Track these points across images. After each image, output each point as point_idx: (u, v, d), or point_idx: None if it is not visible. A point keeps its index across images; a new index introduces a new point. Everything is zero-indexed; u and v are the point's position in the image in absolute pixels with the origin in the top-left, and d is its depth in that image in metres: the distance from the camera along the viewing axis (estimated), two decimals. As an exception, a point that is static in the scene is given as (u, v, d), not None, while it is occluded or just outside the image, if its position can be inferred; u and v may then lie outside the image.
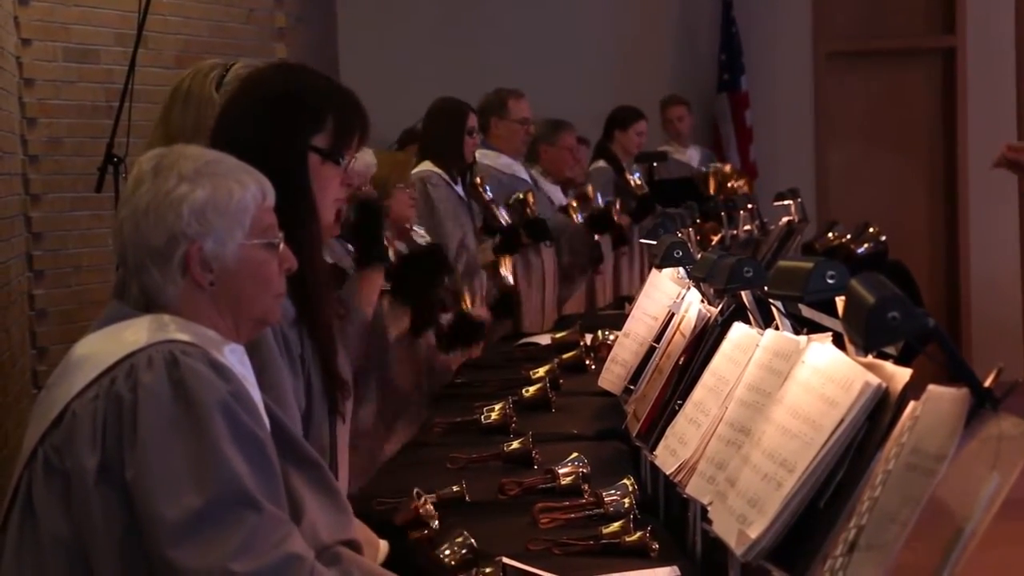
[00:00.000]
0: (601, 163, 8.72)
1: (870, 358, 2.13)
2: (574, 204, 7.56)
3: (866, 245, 7.32)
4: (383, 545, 2.73)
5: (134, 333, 2.32)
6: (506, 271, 6.36)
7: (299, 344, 2.74)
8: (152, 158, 2.43)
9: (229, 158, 2.46)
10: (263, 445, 2.28)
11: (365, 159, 4.58)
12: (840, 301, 2.20)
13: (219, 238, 2.36)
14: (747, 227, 7.39)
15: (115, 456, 2.23)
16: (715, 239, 7.14)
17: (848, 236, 7.39)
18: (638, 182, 8.29)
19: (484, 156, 6.88)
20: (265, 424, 2.33)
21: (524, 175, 7.17)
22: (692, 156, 9.71)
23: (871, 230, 7.40)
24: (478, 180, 6.52)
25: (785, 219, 7.02)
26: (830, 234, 7.56)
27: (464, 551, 2.82)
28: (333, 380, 2.78)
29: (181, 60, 7.04)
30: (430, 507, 3.05)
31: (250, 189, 2.40)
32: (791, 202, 7.20)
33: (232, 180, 2.40)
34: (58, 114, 6.53)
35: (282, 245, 2.46)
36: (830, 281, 2.24)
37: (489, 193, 6.59)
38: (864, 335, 1.87)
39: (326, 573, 2.28)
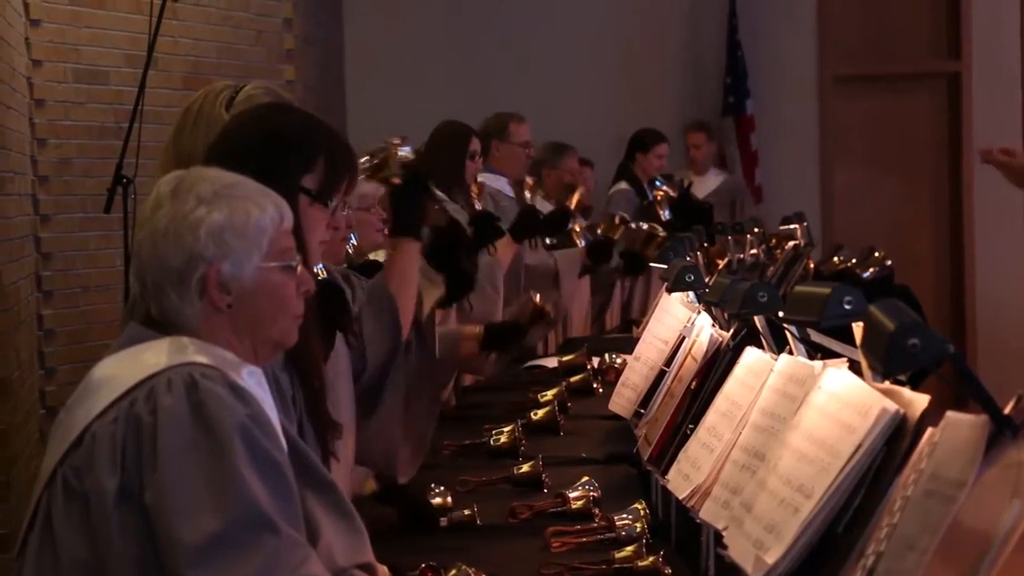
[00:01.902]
0: (623, 185, 8.73)
1: (887, 384, 2.13)
2: (576, 229, 7.48)
3: (872, 269, 7.32)
4: (384, 571, 2.73)
5: (154, 355, 2.33)
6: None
7: (291, 387, 2.74)
8: (171, 180, 2.43)
9: (248, 180, 2.47)
10: (281, 468, 2.28)
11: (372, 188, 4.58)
12: (856, 327, 2.21)
13: (237, 260, 2.37)
14: (753, 251, 7.39)
15: (134, 478, 2.23)
16: (721, 263, 7.14)
17: (854, 260, 7.39)
18: (665, 217, 8.31)
19: (485, 179, 6.90)
20: (283, 447, 2.33)
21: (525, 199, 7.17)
22: (710, 182, 9.72)
23: (877, 254, 7.40)
24: (474, 192, 6.52)
25: (791, 243, 7.02)
26: (836, 258, 7.56)
27: None
28: (324, 423, 2.78)
29: (190, 82, 7.07)
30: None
31: (268, 211, 2.41)
32: (797, 226, 7.20)
33: (250, 202, 2.40)
34: (68, 135, 6.55)
35: (300, 267, 2.47)
36: (847, 307, 2.24)
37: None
38: (884, 361, 1.87)
39: None
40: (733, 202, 9.82)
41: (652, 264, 6.35)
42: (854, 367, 2.28)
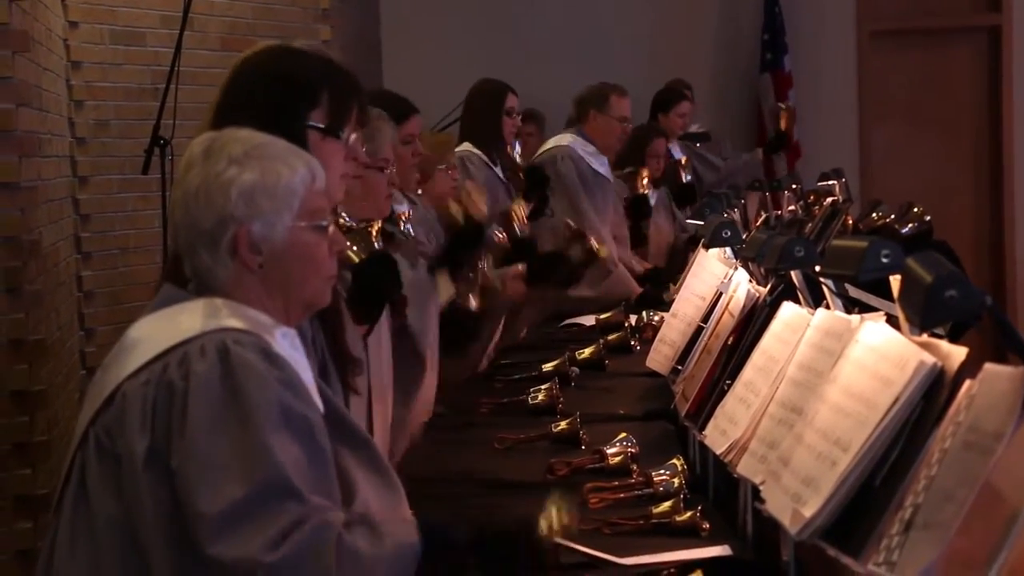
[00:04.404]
0: None
1: (925, 337, 2.12)
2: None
3: (910, 225, 7.28)
4: None
5: (188, 319, 2.33)
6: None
7: (310, 328, 2.75)
8: (203, 141, 2.43)
9: (279, 141, 2.47)
10: (313, 433, 2.27)
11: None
12: (894, 280, 2.20)
13: (267, 221, 2.36)
14: (791, 207, 7.36)
15: (163, 442, 2.22)
16: (759, 220, 7.12)
17: (892, 216, 7.35)
18: (686, 177, 8.27)
19: (576, 143, 6.90)
20: (317, 407, 2.33)
21: (607, 174, 7.13)
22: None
23: (915, 210, 7.36)
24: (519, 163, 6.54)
25: (830, 200, 6.99)
26: (874, 214, 7.52)
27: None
28: (344, 357, 2.79)
29: (226, 42, 7.08)
30: None
31: (299, 172, 2.41)
32: (835, 182, 7.16)
33: (281, 163, 2.40)
34: (105, 96, 6.57)
35: (332, 227, 2.46)
36: (885, 260, 2.23)
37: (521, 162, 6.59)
38: (921, 313, 1.86)
39: (353, 534, 2.25)
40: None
41: (689, 221, 6.33)
42: (892, 322, 2.27)
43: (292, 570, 2.16)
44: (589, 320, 5.95)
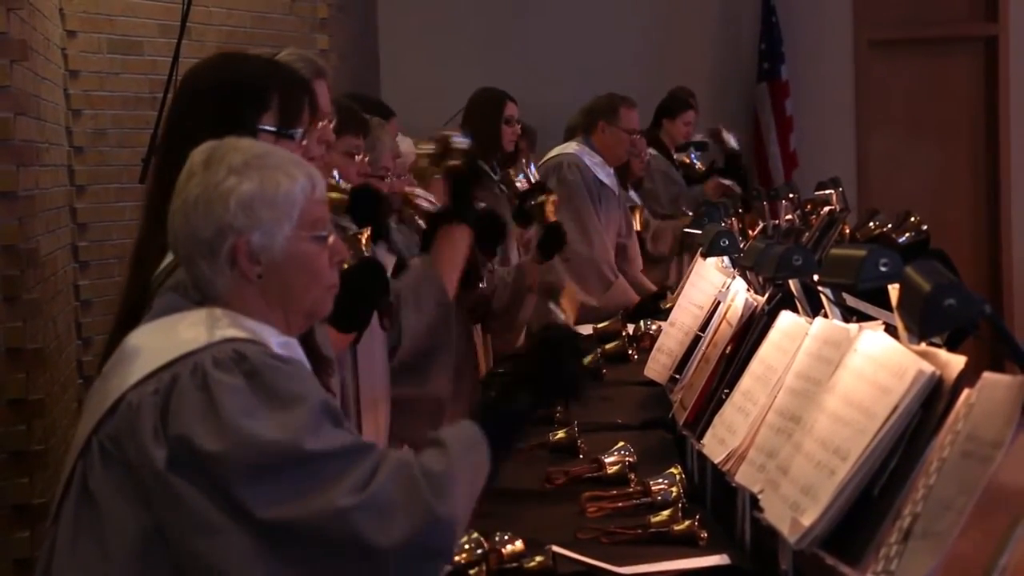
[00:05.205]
0: (652, 151, 8.72)
1: (923, 346, 2.12)
2: None
3: (907, 234, 7.27)
4: None
5: (191, 330, 2.32)
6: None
7: None
8: (204, 151, 2.43)
9: (279, 150, 2.46)
10: (341, 422, 2.29)
11: (405, 148, 4.60)
12: (892, 289, 2.20)
13: (267, 231, 2.35)
14: (788, 217, 7.36)
15: (184, 444, 2.20)
16: (756, 229, 7.12)
17: (889, 225, 7.36)
18: (700, 166, 8.30)
19: (583, 152, 6.90)
20: (336, 402, 2.35)
21: (613, 186, 7.12)
22: None
23: (912, 219, 7.36)
24: (511, 170, 6.53)
25: (827, 209, 6.99)
26: (871, 223, 7.52)
27: (473, 547, 2.80)
28: (315, 358, 2.80)
29: (223, 51, 7.06)
30: None
31: (299, 181, 2.40)
32: (832, 191, 7.17)
33: (281, 172, 2.39)
34: (103, 105, 6.57)
35: (332, 237, 2.46)
36: (883, 269, 2.23)
37: (521, 181, 6.59)
38: (920, 322, 1.87)
39: (426, 458, 2.28)
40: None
41: (687, 230, 6.33)
42: (890, 330, 2.28)
43: (386, 505, 2.18)
44: (587, 329, 5.95)
